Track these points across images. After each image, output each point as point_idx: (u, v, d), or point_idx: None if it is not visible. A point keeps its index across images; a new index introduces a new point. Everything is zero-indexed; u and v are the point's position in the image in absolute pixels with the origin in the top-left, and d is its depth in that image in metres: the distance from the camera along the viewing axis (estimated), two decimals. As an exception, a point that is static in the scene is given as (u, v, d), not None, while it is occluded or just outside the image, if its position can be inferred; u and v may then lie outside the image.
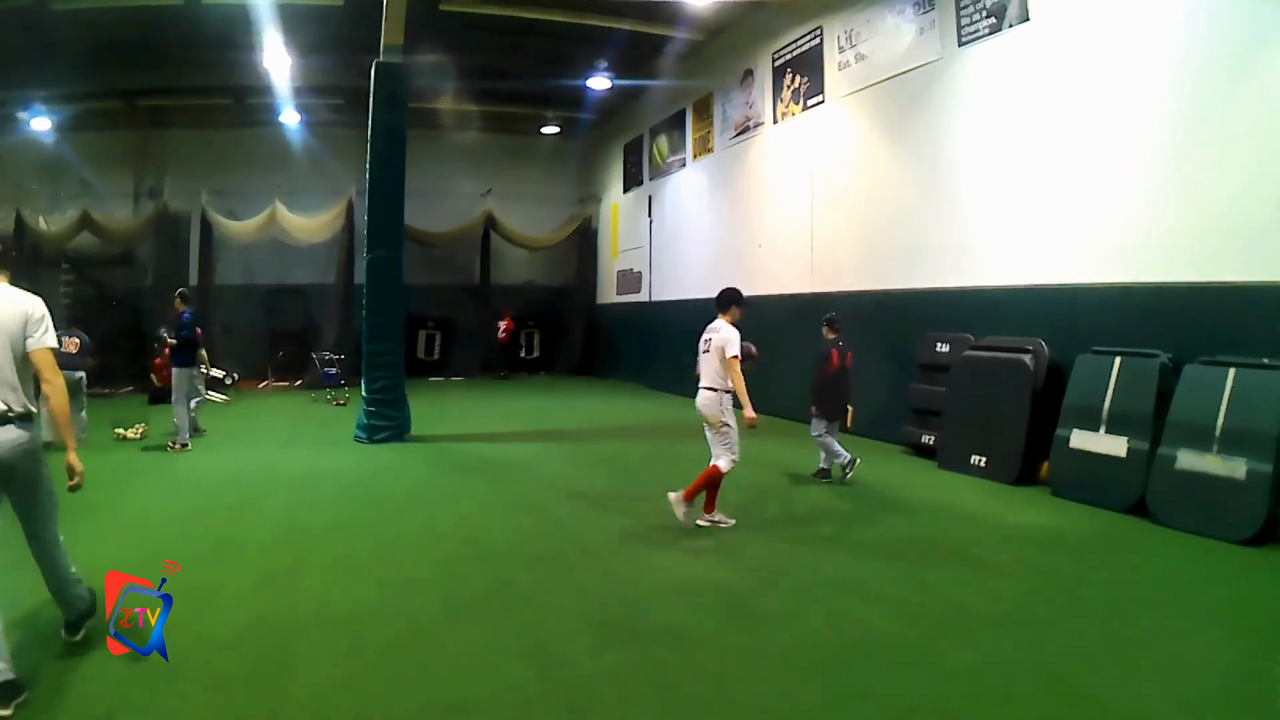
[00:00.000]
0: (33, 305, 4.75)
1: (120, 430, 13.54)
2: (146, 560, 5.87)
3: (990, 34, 11.38)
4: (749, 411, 8.02)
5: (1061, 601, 6.07)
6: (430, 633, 5.54)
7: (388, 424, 13.60)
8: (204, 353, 14.04)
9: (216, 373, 17.49)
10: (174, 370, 12.68)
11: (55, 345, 4.85)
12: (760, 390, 16.71)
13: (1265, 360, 7.89)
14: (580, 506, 9.32)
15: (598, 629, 5.60)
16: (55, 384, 4.81)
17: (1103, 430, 9.01)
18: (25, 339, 4.68)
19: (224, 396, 18.65)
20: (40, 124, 22.84)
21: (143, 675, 4.72)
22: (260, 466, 11.62)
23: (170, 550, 7.25)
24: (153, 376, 19.27)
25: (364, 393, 13.78)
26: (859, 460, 10.12)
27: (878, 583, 6.47)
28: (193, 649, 5.14)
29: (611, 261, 27.05)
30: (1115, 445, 8.82)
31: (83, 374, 12.57)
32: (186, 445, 12.63)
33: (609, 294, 27.25)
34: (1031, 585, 6.44)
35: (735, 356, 8.18)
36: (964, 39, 11.85)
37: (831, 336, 10.72)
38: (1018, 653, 5.15)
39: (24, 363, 4.70)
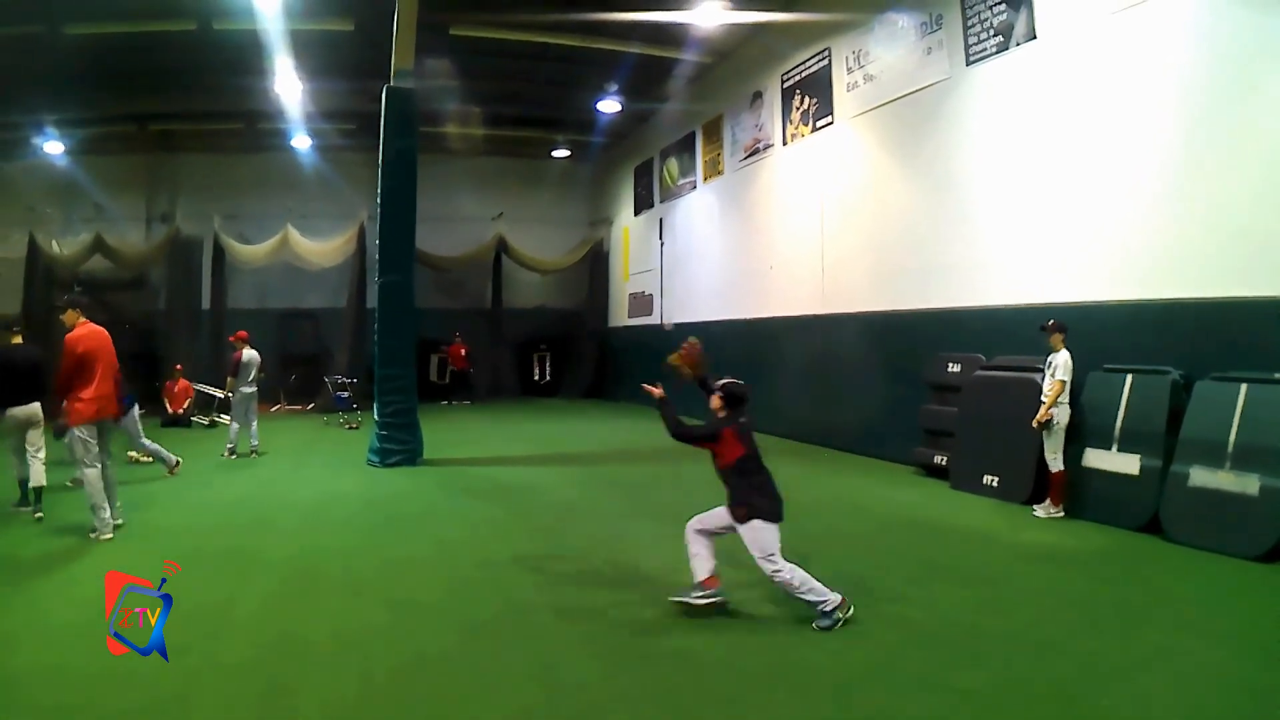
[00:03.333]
0: None
1: (133, 454, 13.57)
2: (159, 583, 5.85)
3: (998, 53, 11.42)
4: None
5: (1073, 620, 6.04)
6: (441, 656, 5.54)
7: (400, 448, 13.60)
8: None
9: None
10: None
11: None
12: (771, 410, 16.84)
13: (1277, 375, 7.87)
14: (591, 529, 9.32)
15: (609, 652, 5.59)
16: None
17: (1115, 448, 8.98)
18: None
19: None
20: (53, 148, 23.07)
21: (153, 701, 4.74)
22: (272, 490, 11.67)
23: (182, 571, 7.29)
24: (165, 401, 19.37)
25: (376, 417, 13.80)
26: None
27: (890, 604, 6.45)
28: (204, 670, 5.18)
29: (623, 284, 27.09)
30: (1128, 463, 8.78)
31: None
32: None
33: (621, 317, 27.26)
34: (1043, 604, 6.42)
35: None
36: (972, 58, 11.88)
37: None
38: (1030, 672, 5.13)
39: None
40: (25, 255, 22.59)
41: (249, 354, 14.58)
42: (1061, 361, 9.27)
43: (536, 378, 28.75)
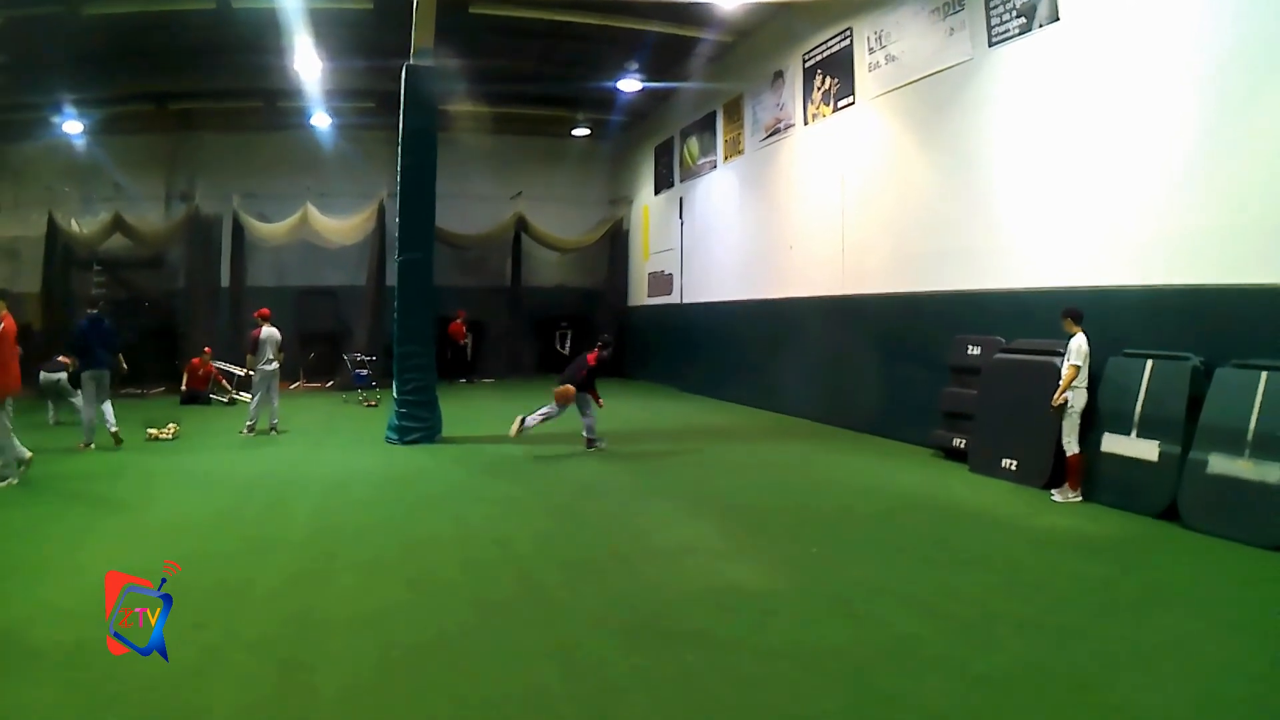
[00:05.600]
0: None
1: (153, 430, 13.70)
2: (180, 558, 5.90)
3: (1020, 34, 11.31)
4: None
5: (1090, 606, 6.05)
6: (458, 634, 5.59)
7: (419, 425, 13.72)
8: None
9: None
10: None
11: None
12: (790, 391, 16.85)
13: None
14: (609, 508, 9.39)
15: (626, 632, 5.64)
16: None
17: (1134, 434, 8.95)
18: None
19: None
20: (72, 127, 23.16)
21: (172, 674, 4.79)
22: (292, 467, 11.78)
23: (200, 548, 7.52)
24: (184, 377, 19.47)
25: (395, 394, 13.92)
26: None
27: (905, 587, 6.47)
28: (223, 646, 5.28)
29: (643, 263, 27.07)
30: (1147, 449, 8.75)
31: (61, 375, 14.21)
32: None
33: (641, 296, 27.26)
34: (1060, 590, 6.41)
35: None
36: (994, 39, 11.78)
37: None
38: (1045, 657, 5.14)
39: None
40: (45, 234, 22.79)
41: (267, 331, 14.58)
42: (1075, 346, 9.25)
43: (560, 349, 28.59)
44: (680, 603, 6.17)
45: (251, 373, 14.87)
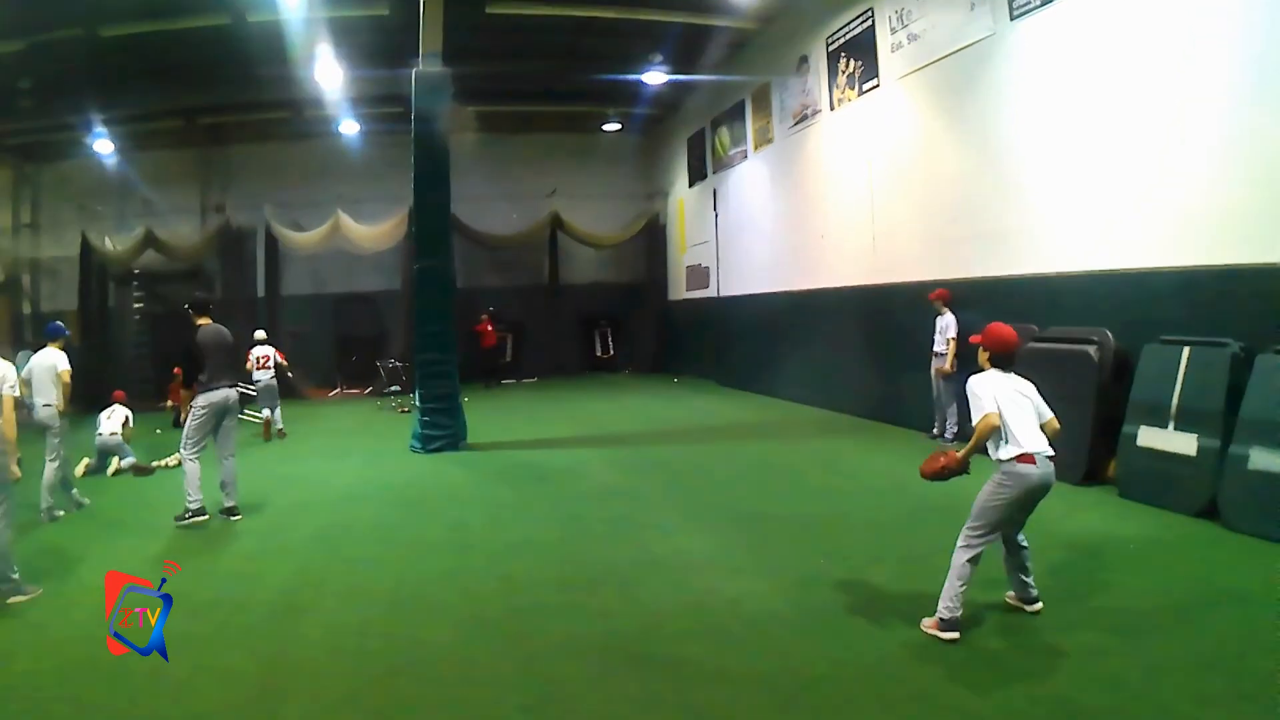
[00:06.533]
0: None
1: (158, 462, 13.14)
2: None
3: (1042, 5, 10.73)
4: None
5: (1126, 616, 5.66)
6: (432, 658, 5.50)
7: (442, 433, 13.59)
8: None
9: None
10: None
11: None
12: (824, 384, 16.44)
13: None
14: (617, 517, 9.13)
15: (604, 658, 5.42)
16: None
17: (1171, 427, 8.39)
18: None
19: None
20: (103, 146, 23.42)
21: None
22: (309, 478, 11.84)
23: (197, 565, 7.48)
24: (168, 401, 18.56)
25: (417, 402, 13.86)
26: None
27: (921, 604, 6.04)
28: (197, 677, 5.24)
29: (680, 257, 26.75)
30: (1185, 443, 8.18)
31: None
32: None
33: (679, 290, 26.96)
34: (1095, 599, 6.00)
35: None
36: (1016, 12, 11.21)
37: None
38: (1074, 691, 4.69)
39: None
40: (79, 253, 23.19)
41: (258, 350, 16.12)
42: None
43: (599, 353, 28.65)
44: (669, 624, 5.93)
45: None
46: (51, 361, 9.56)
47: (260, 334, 17.06)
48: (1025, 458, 5.41)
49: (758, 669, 5.14)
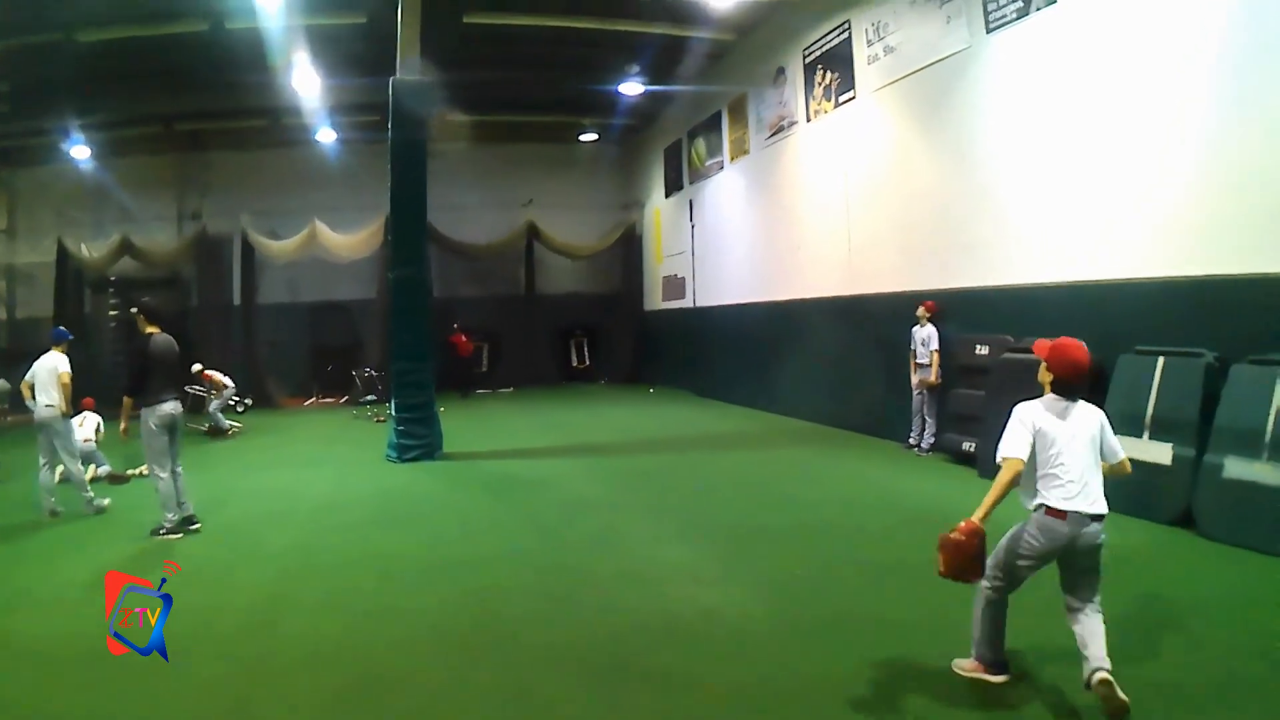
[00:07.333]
0: None
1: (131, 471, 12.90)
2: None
3: (1018, 18, 10.82)
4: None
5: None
6: (409, 672, 5.40)
7: (417, 443, 13.48)
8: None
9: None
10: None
11: None
12: (798, 395, 16.47)
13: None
14: (594, 528, 9.06)
15: (584, 669, 5.36)
16: None
17: (1147, 436, 8.44)
18: None
19: (236, 425, 18.05)
20: (80, 152, 23.17)
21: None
22: (282, 489, 11.65)
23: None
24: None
25: (392, 411, 13.74)
26: None
27: (895, 611, 6.08)
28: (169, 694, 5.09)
29: (656, 267, 26.75)
30: (1160, 452, 8.24)
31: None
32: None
33: (655, 300, 26.94)
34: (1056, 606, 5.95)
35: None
36: (991, 25, 11.30)
37: None
38: (1055, 700, 4.67)
39: None
40: (55, 259, 22.97)
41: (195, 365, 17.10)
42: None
43: (574, 363, 28.58)
44: (648, 634, 5.87)
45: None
46: (53, 364, 9.89)
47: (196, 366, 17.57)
48: (1053, 511, 4.47)
49: (735, 679, 5.10)
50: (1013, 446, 4.55)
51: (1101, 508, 4.44)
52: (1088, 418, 4.62)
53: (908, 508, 9.36)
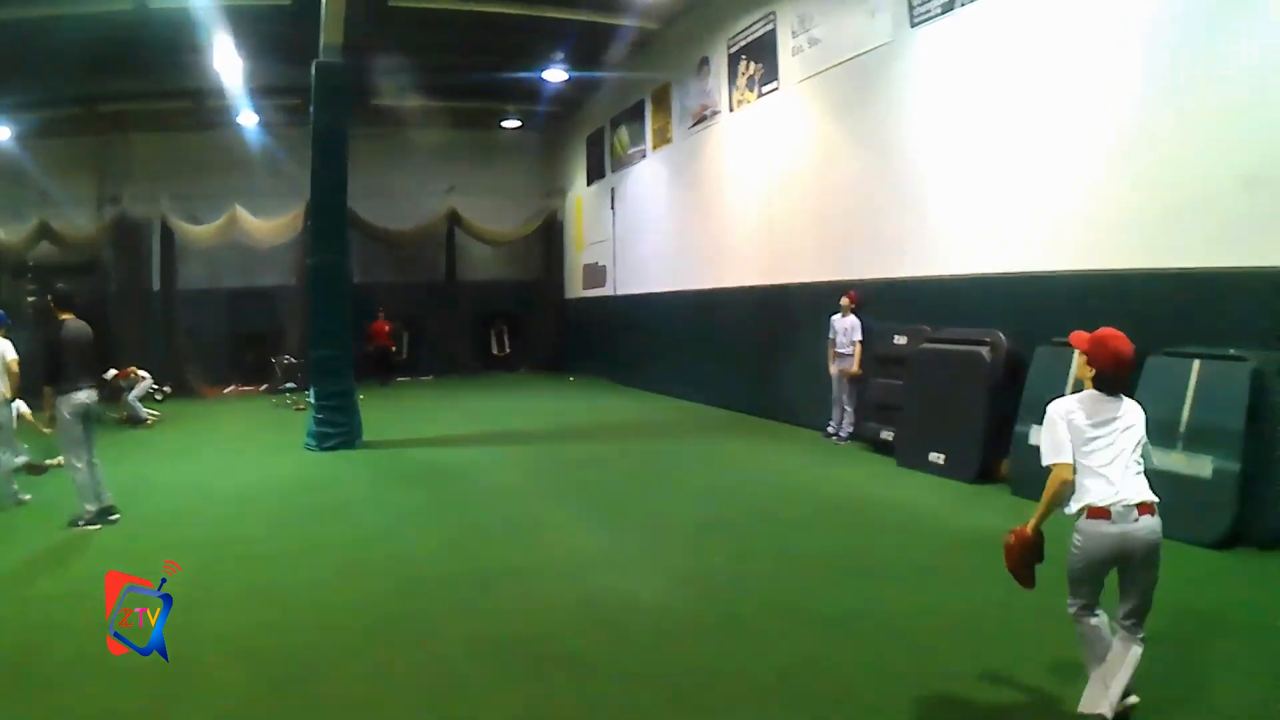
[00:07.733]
0: None
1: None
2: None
3: (942, 13, 10.94)
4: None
5: (1001, 616, 5.64)
6: (326, 663, 5.30)
7: (336, 431, 13.21)
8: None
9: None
10: None
11: None
12: (719, 383, 16.53)
13: (1232, 351, 7.45)
14: (515, 517, 8.97)
15: (502, 657, 5.32)
16: None
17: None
18: None
19: (155, 414, 17.48)
20: (-1, 133, 22.12)
21: None
22: (200, 477, 11.36)
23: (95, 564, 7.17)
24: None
25: (311, 399, 13.44)
26: None
27: (812, 601, 6.08)
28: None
29: (578, 255, 26.65)
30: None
31: None
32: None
33: (576, 288, 26.84)
34: (974, 597, 6.02)
35: None
36: (916, 19, 11.40)
37: None
38: (958, 689, 4.72)
39: None
40: None
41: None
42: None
43: (495, 351, 28.34)
44: (566, 622, 5.84)
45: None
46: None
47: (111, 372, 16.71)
48: (1096, 510, 4.02)
49: (655, 667, 5.09)
50: (1056, 450, 4.18)
51: (1148, 495, 4.04)
52: (1134, 415, 4.24)
53: (825, 496, 9.42)
